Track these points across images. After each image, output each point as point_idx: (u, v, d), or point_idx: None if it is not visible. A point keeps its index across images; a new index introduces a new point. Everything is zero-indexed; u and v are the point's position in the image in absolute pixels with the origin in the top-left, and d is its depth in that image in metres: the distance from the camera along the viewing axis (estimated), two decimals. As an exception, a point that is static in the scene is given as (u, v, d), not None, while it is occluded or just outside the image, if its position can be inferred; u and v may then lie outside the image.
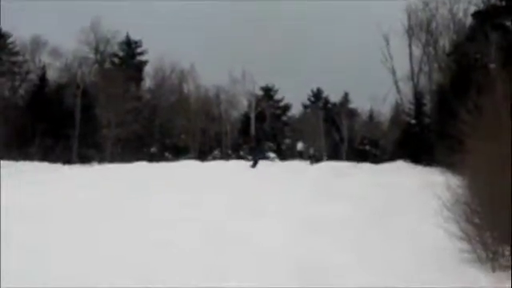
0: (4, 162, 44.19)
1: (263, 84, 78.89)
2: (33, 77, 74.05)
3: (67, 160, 56.58)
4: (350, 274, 15.01)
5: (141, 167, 40.90)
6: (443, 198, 15.94)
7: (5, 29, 72.88)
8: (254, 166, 34.32)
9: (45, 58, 75.51)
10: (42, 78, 71.27)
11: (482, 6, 49.16)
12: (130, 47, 79.73)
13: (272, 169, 39.69)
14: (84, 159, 58.51)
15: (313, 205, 24.12)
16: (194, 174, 32.72)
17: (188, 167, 39.40)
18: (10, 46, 73.82)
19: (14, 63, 74.04)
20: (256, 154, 34.74)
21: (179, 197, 26.51)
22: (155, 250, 17.54)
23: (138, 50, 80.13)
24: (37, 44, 75.61)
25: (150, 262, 16.21)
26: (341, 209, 23.01)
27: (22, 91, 74.49)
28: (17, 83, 74.66)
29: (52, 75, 74.12)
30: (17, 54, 74.35)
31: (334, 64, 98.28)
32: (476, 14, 49.36)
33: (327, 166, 38.88)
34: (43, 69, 72.53)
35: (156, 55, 79.59)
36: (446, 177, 16.72)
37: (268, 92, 79.61)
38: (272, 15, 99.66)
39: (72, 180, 33.50)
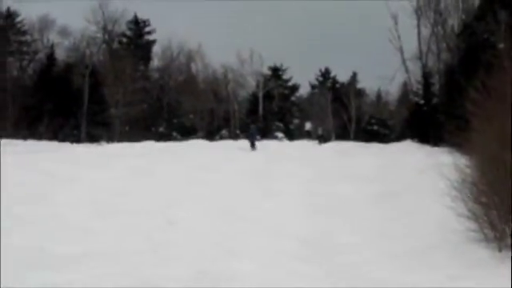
0: (13, 141, 44.33)
1: (271, 64, 78.76)
2: (41, 56, 73.99)
3: (76, 139, 56.71)
4: (355, 252, 15.10)
5: (149, 146, 40.96)
6: (451, 178, 15.95)
7: (13, 8, 72.91)
8: (253, 146, 36.50)
9: (53, 38, 75.51)
10: (51, 57, 71.21)
11: (491, -16, 48.91)
12: (138, 26, 79.51)
13: (280, 148, 39.77)
14: (92, 138, 58.59)
15: (320, 184, 24.22)
16: (203, 153, 32.68)
17: (196, 147, 39.49)
18: (19, 25, 73.70)
19: (22, 43, 73.96)
20: (251, 137, 37.13)
21: (187, 176, 26.63)
22: (169, 229, 17.68)
23: (146, 29, 79.89)
24: (45, 23, 75.51)
25: (164, 240, 16.34)
26: (347, 188, 23.11)
27: (30, 71, 74.46)
28: (25, 63, 74.64)
29: (60, 54, 74.11)
30: (25, 33, 74.22)
31: (342, 44, 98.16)
32: (485, -7, 49.13)
33: (335, 146, 38.89)
34: (51, 48, 72.47)
35: (164, 35, 79.61)
36: (453, 157, 16.71)
37: (276, 72, 79.35)
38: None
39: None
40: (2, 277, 12.11)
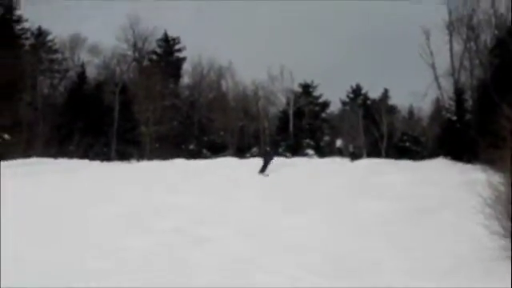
0: (43, 160, 44.57)
1: (302, 80, 78.63)
2: (72, 74, 74.59)
3: (106, 157, 56.86)
4: (384, 270, 14.83)
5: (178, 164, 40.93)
6: (484, 196, 15.64)
7: (44, 27, 73.60)
8: (263, 170, 32.33)
9: (84, 56, 76.14)
10: (81, 75, 71.73)
11: (524, 0, 48.35)
12: (168, 44, 79.92)
13: (310, 166, 39.45)
14: (123, 156, 58.72)
15: (352, 202, 23.92)
16: (233, 169, 32.50)
17: (226, 164, 39.34)
18: (50, 43, 74.38)
19: (53, 61, 74.60)
20: (267, 158, 32.61)
21: (216, 194, 26.55)
22: (195, 247, 17.58)
23: (176, 46, 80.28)
24: (76, 41, 76.18)
25: (191, 257, 16.26)
26: (380, 206, 22.78)
27: (61, 89, 75.07)
28: (56, 81, 75.26)
29: (91, 72, 74.65)
30: (56, 51, 74.89)
31: (373, 60, 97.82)
32: (518, 9, 48.59)
33: (366, 163, 38.46)
34: (82, 66, 73.01)
35: (194, 52, 79.94)
36: (487, 174, 16.40)
37: (306, 89, 79.15)
38: (309, 11, 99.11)
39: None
40: None
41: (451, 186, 25.35)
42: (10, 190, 26.85)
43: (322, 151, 69.07)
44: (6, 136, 59.17)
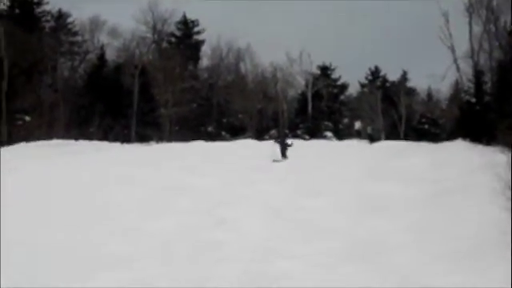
0: (64, 141, 44.92)
1: (320, 63, 78.44)
2: (92, 57, 74.73)
3: (126, 139, 57.09)
4: (404, 253, 14.90)
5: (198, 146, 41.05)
6: (505, 178, 15.64)
7: (64, 9, 73.83)
8: (283, 155, 31.65)
9: (103, 38, 76.19)
10: (101, 57, 71.83)
11: (543, -19, 48.00)
12: (187, 26, 79.89)
13: (329, 148, 39.53)
14: (142, 138, 58.93)
15: (371, 184, 23.96)
16: (252, 151, 32.62)
17: (245, 146, 39.44)
18: (70, 26, 74.58)
19: (73, 43, 74.79)
20: (282, 144, 31.77)
21: (235, 176, 26.65)
22: (218, 229, 17.70)
23: (195, 29, 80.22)
24: (96, 24, 76.19)
25: (215, 239, 16.38)
26: (399, 189, 22.81)
27: (81, 71, 75.29)
28: (76, 63, 75.50)
29: (110, 55, 74.71)
30: (76, 34, 75.05)
31: (392, 42, 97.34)
32: (538, -10, 48.26)
33: (385, 146, 38.47)
34: (102, 49, 73.10)
35: (213, 34, 79.72)
36: (507, 156, 16.39)
37: (325, 71, 78.95)
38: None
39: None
40: (63, 275, 12.31)
41: (471, 168, 25.28)
42: (30, 171, 27.21)
43: (341, 134, 69.01)
44: (27, 118, 59.65)
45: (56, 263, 13.50)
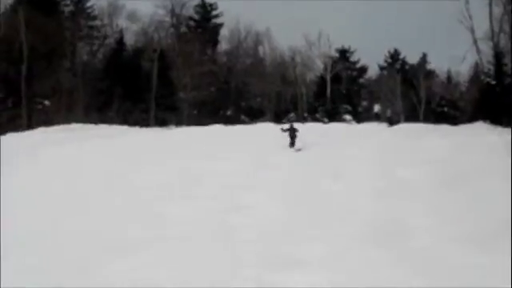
0: (84, 126, 45.11)
1: (339, 46, 78.29)
2: (111, 41, 75.02)
3: (145, 123, 57.30)
4: (425, 236, 14.83)
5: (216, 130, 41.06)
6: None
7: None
8: (293, 144, 30.23)
9: (122, 22, 76.49)
10: (120, 42, 72.12)
11: None
12: (206, 10, 79.97)
13: (348, 131, 39.42)
14: (161, 122, 59.12)
15: (391, 167, 23.86)
16: (271, 134, 32.51)
17: (264, 129, 39.40)
18: (89, 10, 74.90)
19: (92, 27, 75.14)
20: (292, 135, 29.77)
21: (254, 160, 26.63)
22: (238, 213, 17.69)
23: (213, 12, 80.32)
24: (114, 8, 76.54)
25: (234, 223, 16.38)
26: (419, 171, 22.70)
27: (100, 55, 75.58)
28: (95, 47, 75.79)
29: (129, 39, 75.07)
30: (95, 18, 75.39)
31: (411, 24, 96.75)
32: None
33: (405, 128, 38.28)
34: (121, 33, 73.41)
35: (231, 18, 79.75)
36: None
37: (344, 54, 78.90)
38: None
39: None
40: (77, 260, 12.38)
41: (492, 150, 25.12)
42: (51, 155, 27.36)
43: (360, 117, 68.94)
44: (47, 102, 59.98)
45: (76, 247, 13.56)
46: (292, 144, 29.81)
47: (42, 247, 13.64)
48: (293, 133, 30.00)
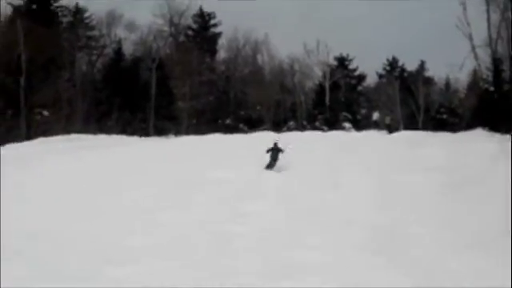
0: (83, 136, 45.11)
1: (337, 54, 78.43)
2: (109, 51, 75.14)
3: (144, 133, 57.33)
4: (424, 244, 14.84)
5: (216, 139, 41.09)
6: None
7: (81, 4, 74.16)
8: (270, 166, 28.36)
9: (120, 32, 76.60)
10: (118, 51, 72.26)
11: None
12: (204, 19, 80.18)
13: (347, 138, 39.45)
14: (160, 132, 59.17)
15: (391, 174, 23.87)
16: (270, 143, 32.53)
17: (263, 138, 39.45)
18: (87, 20, 74.98)
19: (90, 38, 75.22)
20: (273, 155, 28.02)
21: (254, 168, 26.64)
22: (237, 221, 17.68)
23: (212, 21, 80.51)
24: (112, 18, 76.59)
25: (234, 231, 16.37)
26: (419, 178, 22.71)
27: (99, 65, 75.68)
28: (94, 57, 75.87)
29: (128, 49, 75.23)
30: (93, 28, 75.49)
31: (409, 32, 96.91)
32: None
33: (404, 136, 38.33)
34: (119, 43, 73.54)
35: (229, 27, 79.94)
36: (526, 145, 16.29)
37: (342, 62, 79.04)
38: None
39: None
40: (77, 268, 12.38)
41: (491, 157, 25.14)
42: (50, 165, 27.36)
43: (359, 124, 68.98)
44: (46, 113, 59.99)
45: (73, 256, 13.54)
46: (271, 166, 27.43)
47: (40, 253, 13.62)
48: (275, 154, 27.87)
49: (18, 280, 11.62)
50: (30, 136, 49.24)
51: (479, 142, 29.58)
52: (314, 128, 62.62)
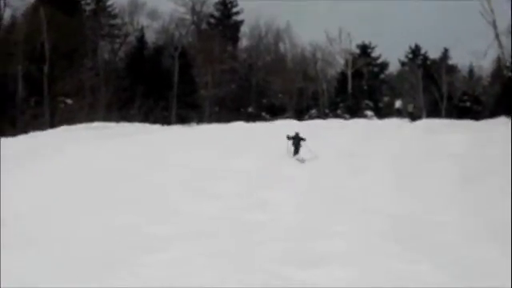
0: (106, 124, 45.27)
1: (360, 42, 78.12)
2: (131, 39, 75.23)
3: (166, 121, 57.40)
4: (451, 235, 14.79)
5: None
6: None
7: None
8: (294, 154, 28.82)
9: (143, 20, 76.62)
10: (141, 40, 72.32)
11: None
12: (226, 7, 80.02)
13: (369, 126, 39.34)
14: (182, 120, 59.20)
15: (414, 163, 23.83)
16: (293, 130, 32.46)
17: (286, 126, 39.40)
18: (109, 9, 75.09)
19: (113, 26, 75.33)
20: (296, 144, 28.29)
21: (276, 157, 26.66)
22: (259, 210, 17.74)
23: (234, 9, 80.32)
24: (135, 6, 76.65)
25: (256, 220, 16.41)
26: (442, 167, 22.65)
27: (121, 53, 75.83)
28: (116, 46, 76.01)
29: (150, 37, 75.23)
30: (116, 16, 75.54)
31: (432, 19, 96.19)
32: None
33: (426, 124, 38.13)
34: (141, 31, 73.55)
35: (251, 15, 79.76)
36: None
37: (365, 50, 78.66)
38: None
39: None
40: (99, 257, 12.46)
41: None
42: (73, 153, 27.52)
43: (381, 112, 68.67)
44: (69, 101, 60.28)
45: (97, 245, 13.64)
46: (296, 152, 27.97)
47: (64, 242, 13.75)
48: (297, 142, 28.32)
49: (38, 264, 11.77)
50: (53, 124, 49.50)
51: (502, 130, 29.38)
52: (336, 116, 62.45)
